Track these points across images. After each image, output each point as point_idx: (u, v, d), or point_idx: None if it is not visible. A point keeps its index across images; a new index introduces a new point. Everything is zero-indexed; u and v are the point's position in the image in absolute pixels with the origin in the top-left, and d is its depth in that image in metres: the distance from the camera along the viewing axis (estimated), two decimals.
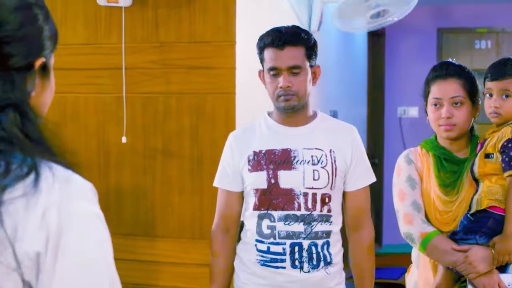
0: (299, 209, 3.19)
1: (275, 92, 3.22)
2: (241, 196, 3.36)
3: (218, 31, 4.27)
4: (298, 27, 3.30)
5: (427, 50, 9.13)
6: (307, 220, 3.19)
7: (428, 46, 9.16)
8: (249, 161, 3.27)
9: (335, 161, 3.24)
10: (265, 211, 3.22)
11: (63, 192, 1.33)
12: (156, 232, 4.43)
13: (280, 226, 3.19)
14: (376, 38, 9.00)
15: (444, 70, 3.27)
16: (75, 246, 1.31)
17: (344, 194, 3.33)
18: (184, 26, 4.34)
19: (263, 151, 3.26)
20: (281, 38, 3.19)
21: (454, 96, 3.21)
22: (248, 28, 4.37)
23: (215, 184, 3.42)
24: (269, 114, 3.38)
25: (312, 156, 3.22)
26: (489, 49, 9.20)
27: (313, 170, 3.20)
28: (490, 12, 8.89)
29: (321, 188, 3.21)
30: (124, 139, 4.39)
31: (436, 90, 3.26)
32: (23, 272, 1.29)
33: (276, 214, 3.21)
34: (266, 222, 3.23)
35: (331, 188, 3.23)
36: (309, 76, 3.23)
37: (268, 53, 3.22)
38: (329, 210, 3.23)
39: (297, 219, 3.19)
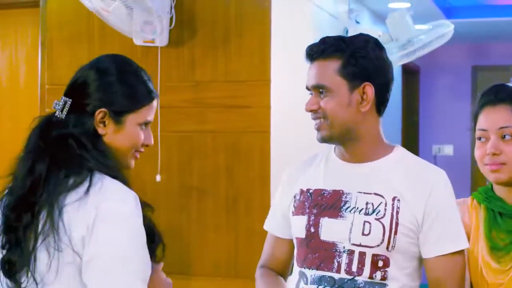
0: (338, 271, 2.36)
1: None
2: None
3: (253, 70, 4.29)
4: (350, 36, 2.50)
5: (462, 88, 9.13)
6: (346, 287, 2.35)
7: (463, 84, 9.15)
8: (295, 201, 2.53)
9: (397, 213, 2.35)
10: (301, 268, 2.46)
11: (102, 195, 1.96)
12: (191, 270, 4.42)
13: None
14: (411, 75, 8.99)
15: (493, 94, 2.51)
16: (104, 231, 1.93)
17: (424, 262, 2.44)
18: (219, 65, 4.37)
19: (310, 190, 2.48)
20: (311, 48, 2.46)
21: (504, 126, 2.45)
22: (283, 67, 4.39)
23: (264, 226, 2.72)
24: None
25: (367, 203, 2.38)
26: None
27: (364, 222, 2.36)
28: None
29: (372, 247, 2.34)
30: (158, 178, 4.41)
31: (482, 119, 2.50)
32: (74, 248, 1.94)
33: (310, 274, 2.41)
34: (301, 284, 2.45)
35: (387, 248, 2.34)
36: (346, 99, 2.37)
37: None
38: (383, 278, 2.35)
39: (333, 283, 2.37)
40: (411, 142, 9.08)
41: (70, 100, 2.11)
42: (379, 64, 2.42)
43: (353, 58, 2.37)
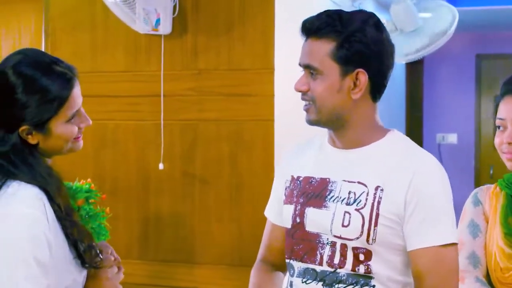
0: (320, 263, 2.22)
1: None
2: None
3: (256, 59, 4.29)
4: (349, 12, 2.23)
5: (466, 77, 9.10)
6: (328, 280, 2.21)
7: (467, 72, 9.12)
8: (285, 188, 2.38)
9: (379, 203, 2.15)
10: (289, 260, 2.32)
11: (7, 199, 2.01)
12: (195, 258, 4.43)
13: (297, 284, 2.27)
14: (414, 65, 8.97)
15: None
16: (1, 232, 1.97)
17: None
18: (223, 53, 4.36)
19: (300, 178, 2.32)
20: (305, 23, 2.22)
21: None
22: (287, 56, 4.37)
23: (264, 212, 2.57)
24: None
25: (349, 193, 2.20)
26: None
27: (345, 212, 2.18)
28: None
29: (351, 240, 2.17)
30: (161, 166, 4.42)
31: (502, 108, 2.46)
32: None
33: (296, 266, 2.28)
34: (289, 277, 2.33)
35: (367, 241, 2.15)
36: (336, 84, 2.18)
37: None
38: (367, 271, 2.17)
39: (315, 276, 2.23)
40: (415, 130, 9.07)
41: None
42: (376, 49, 2.19)
43: (348, 42, 2.15)
